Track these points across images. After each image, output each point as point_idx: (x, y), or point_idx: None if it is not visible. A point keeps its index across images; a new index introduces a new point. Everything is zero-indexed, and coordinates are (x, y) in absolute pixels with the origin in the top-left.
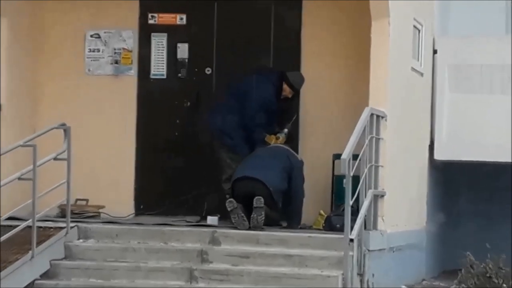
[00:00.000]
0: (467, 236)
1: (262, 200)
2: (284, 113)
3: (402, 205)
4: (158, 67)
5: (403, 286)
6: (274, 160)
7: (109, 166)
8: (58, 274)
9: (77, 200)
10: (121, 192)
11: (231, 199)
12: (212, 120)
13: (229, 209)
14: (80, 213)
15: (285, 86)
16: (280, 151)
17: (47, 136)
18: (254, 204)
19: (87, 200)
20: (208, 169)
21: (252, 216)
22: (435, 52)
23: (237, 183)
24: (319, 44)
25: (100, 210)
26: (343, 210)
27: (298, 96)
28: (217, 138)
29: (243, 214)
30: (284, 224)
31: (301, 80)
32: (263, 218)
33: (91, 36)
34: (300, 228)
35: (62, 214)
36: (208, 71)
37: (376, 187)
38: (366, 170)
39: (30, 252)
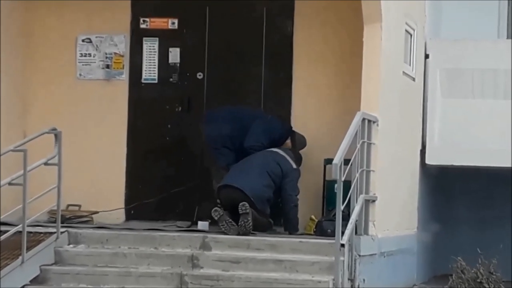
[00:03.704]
0: (458, 241)
1: (247, 205)
2: None
3: (393, 210)
4: (150, 72)
5: None
6: (258, 167)
7: (99, 171)
8: (48, 280)
9: (68, 205)
10: (112, 197)
11: (216, 208)
12: (211, 132)
13: (216, 218)
14: (73, 218)
15: (287, 142)
16: (270, 156)
17: (38, 141)
18: (240, 211)
19: (79, 206)
20: (199, 174)
21: (239, 223)
22: (427, 56)
23: (220, 191)
24: (311, 49)
25: (94, 215)
26: (334, 215)
27: None
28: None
29: (230, 220)
30: (277, 229)
31: (304, 144)
32: (251, 223)
33: (83, 40)
34: (299, 234)
35: (54, 219)
36: (199, 75)
37: (367, 192)
38: (357, 175)
39: (20, 257)
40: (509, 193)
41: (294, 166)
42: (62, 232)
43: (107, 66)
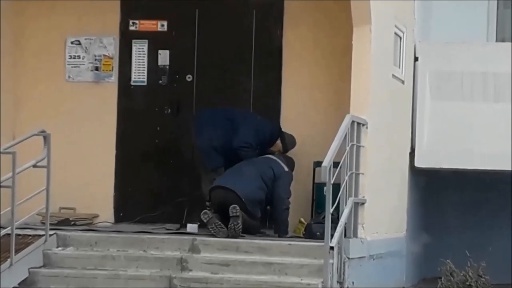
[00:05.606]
0: (447, 243)
1: (238, 208)
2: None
3: (382, 213)
4: (139, 74)
5: None
6: (251, 170)
7: (88, 173)
8: (37, 282)
9: (60, 208)
10: (101, 200)
11: (205, 211)
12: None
13: (205, 220)
14: (77, 220)
15: (278, 142)
16: (264, 160)
17: (27, 143)
18: (230, 213)
19: (74, 209)
20: (188, 176)
21: (229, 225)
22: (416, 59)
23: (212, 192)
24: (301, 51)
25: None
26: (324, 217)
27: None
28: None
29: (220, 222)
30: (267, 232)
31: (294, 144)
32: (240, 226)
33: (72, 42)
34: (289, 237)
35: (52, 221)
36: (189, 78)
37: (356, 195)
38: (346, 177)
39: (9, 260)
40: (498, 196)
41: (286, 169)
42: (50, 235)
43: (96, 68)
